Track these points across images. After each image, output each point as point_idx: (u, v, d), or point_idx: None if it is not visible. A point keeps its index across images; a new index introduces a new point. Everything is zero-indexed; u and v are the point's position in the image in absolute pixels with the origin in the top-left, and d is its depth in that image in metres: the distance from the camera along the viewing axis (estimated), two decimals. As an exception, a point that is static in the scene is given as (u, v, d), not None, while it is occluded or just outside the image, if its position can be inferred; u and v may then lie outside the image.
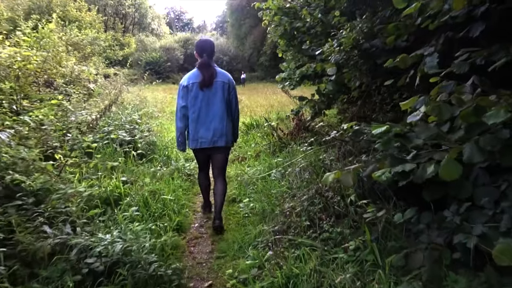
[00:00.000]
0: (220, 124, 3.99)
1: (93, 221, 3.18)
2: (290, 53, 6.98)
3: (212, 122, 3.98)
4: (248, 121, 9.35)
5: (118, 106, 8.10)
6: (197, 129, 3.99)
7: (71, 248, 2.55)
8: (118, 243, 2.58)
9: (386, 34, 3.96)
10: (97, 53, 21.00)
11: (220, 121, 4.00)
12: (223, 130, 4.01)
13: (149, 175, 4.85)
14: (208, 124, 3.97)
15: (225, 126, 4.03)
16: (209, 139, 3.98)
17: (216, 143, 4.01)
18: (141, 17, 55.81)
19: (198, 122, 3.98)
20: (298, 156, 5.53)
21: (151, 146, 6.02)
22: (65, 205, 3.07)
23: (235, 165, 6.37)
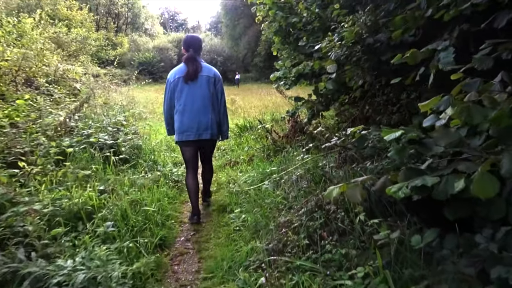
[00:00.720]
0: (205, 117, 4.09)
1: (57, 242, 2.74)
2: (285, 51, 6.58)
3: (197, 115, 4.07)
4: (242, 123, 8.93)
5: (103, 107, 7.65)
6: (183, 122, 4.08)
7: (24, 278, 2.12)
8: (81, 272, 2.15)
9: (392, 28, 3.57)
10: (86, 53, 20.53)
11: (205, 114, 4.10)
12: (208, 123, 4.11)
13: (131, 182, 4.42)
14: (193, 117, 4.07)
15: (210, 119, 4.12)
16: (194, 132, 4.08)
17: (201, 136, 4.11)
18: (134, 16, 55.24)
19: (184, 115, 4.08)
20: (294, 161, 5.14)
21: (136, 150, 5.58)
22: (23, 223, 2.63)
23: (227, 170, 5.96)
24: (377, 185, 2.19)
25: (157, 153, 6.25)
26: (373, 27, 3.65)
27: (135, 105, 10.54)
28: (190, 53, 4.17)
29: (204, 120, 4.09)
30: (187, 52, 4.22)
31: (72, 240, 2.87)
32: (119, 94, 13.85)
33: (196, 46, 4.25)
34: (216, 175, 5.92)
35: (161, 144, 7.20)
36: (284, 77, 5.55)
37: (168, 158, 6.43)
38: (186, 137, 4.10)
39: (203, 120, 4.09)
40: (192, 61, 4.13)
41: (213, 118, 4.16)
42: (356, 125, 4.07)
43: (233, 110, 14.68)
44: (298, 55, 5.80)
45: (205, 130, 4.11)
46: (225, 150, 7.41)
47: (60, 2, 34.12)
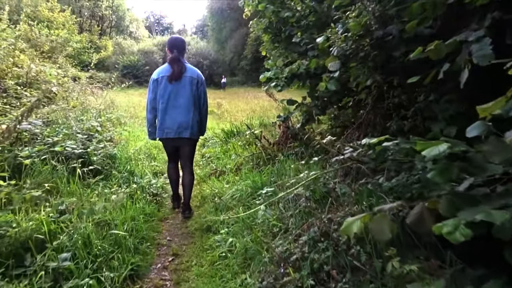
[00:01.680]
0: (186, 116, 4.23)
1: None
2: (276, 50, 6.03)
3: (178, 114, 4.21)
4: (228, 128, 8.34)
5: (76, 111, 6.98)
6: (164, 120, 4.22)
7: None
8: None
9: (406, 18, 3.05)
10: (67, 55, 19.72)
11: (186, 113, 4.24)
12: (188, 123, 4.24)
13: (100, 199, 3.80)
14: (174, 115, 4.21)
15: (191, 119, 4.26)
16: (174, 129, 4.22)
17: (181, 134, 4.24)
18: (119, 19, 54.37)
19: (166, 113, 4.21)
20: (287, 172, 4.59)
21: (109, 160, 4.94)
22: None
23: (212, 180, 5.36)
24: (412, 216, 1.63)
25: (135, 162, 5.62)
26: (383, 18, 3.12)
27: (114, 109, 9.87)
28: (175, 54, 4.30)
29: (185, 119, 4.23)
30: (171, 53, 4.34)
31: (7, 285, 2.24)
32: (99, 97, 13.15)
33: (180, 47, 4.38)
34: (200, 187, 5.33)
35: (140, 151, 6.57)
36: (276, 77, 4.99)
37: (147, 167, 5.81)
38: (166, 134, 4.25)
39: (184, 120, 4.23)
40: (176, 62, 4.26)
41: (194, 118, 4.29)
42: (361, 132, 3.53)
43: (219, 114, 14.10)
44: (291, 53, 5.25)
45: (185, 129, 4.24)
46: (210, 158, 6.81)
47: (42, 3, 33.25)
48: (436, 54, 2.47)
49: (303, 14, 4.99)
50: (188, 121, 4.23)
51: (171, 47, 4.35)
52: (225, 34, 46.85)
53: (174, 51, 4.31)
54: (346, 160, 2.49)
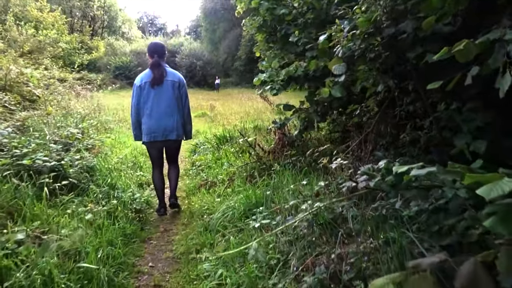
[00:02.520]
0: (170, 119, 4.38)
1: None
2: (271, 51, 5.60)
3: (163, 117, 4.35)
4: (221, 133, 7.87)
5: (56, 116, 6.48)
6: (150, 125, 4.34)
7: None
8: None
9: (422, 13, 2.62)
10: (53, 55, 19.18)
11: (171, 116, 4.38)
12: (173, 125, 4.39)
13: (72, 221, 3.33)
14: (159, 119, 4.34)
15: (176, 121, 4.42)
16: (160, 133, 4.35)
17: (167, 137, 4.38)
18: (111, 20, 53.71)
19: (151, 117, 4.34)
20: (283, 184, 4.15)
21: (85, 174, 4.45)
22: None
23: (202, 193, 4.91)
24: (462, 278, 1.18)
25: (117, 173, 5.14)
26: (395, 13, 2.68)
27: (100, 113, 9.36)
28: (155, 59, 4.41)
29: (170, 122, 4.38)
30: (152, 58, 4.44)
31: None
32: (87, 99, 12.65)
33: (160, 52, 4.51)
34: (189, 201, 4.87)
35: (125, 160, 6.09)
36: (271, 80, 4.55)
37: (132, 178, 5.34)
38: (153, 138, 4.36)
39: (169, 122, 4.37)
40: (157, 67, 4.38)
41: (178, 120, 4.45)
42: (369, 143, 3.09)
43: (212, 117, 13.65)
44: (287, 54, 4.81)
45: (171, 132, 4.39)
46: (201, 166, 6.34)
47: (30, 3, 32.62)
48: (464, 55, 2.05)
49: (300, 11, 4.56)
50: (173, 123, 4.39)
51: (151, 53, 4.49)
52: (219, 35, 46.40)
53: (154, 56, 4.43)
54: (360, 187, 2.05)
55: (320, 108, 4.12)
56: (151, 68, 4.40)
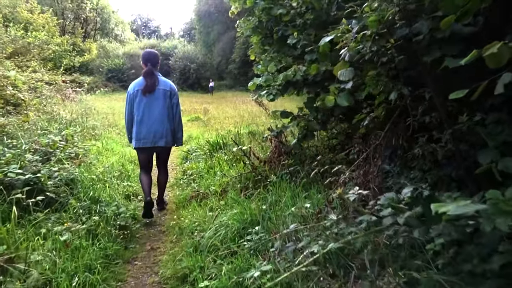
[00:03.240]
0: (160, 127, 4.49)
1: None
2: (266, 54, 5.28)
3: (153, 124, 4.46)
4: (214, 139, 7.52)
5: (36, 124, 6.10)
6: (140, 131, 4.46)
7: None
8: None
9: (440, 12, 2.31)
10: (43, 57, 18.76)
11: (161, 124, 4.50)
12: (163, 132, 4.51)
13: (46, 243, 2.98)
14: (149, 126, 4.46)
15: (165, 129, 4.53)
16: (150, 139, 4.46)
17: (156, 143, 4.49)
18: (104, 22, 53.21)
19: (142, 124, 4.45)
20: (281, 198, 3.83)
21: (65, 187, 4.09)
22: None
23: (193, 206, 4.56)
24: None
25: (102, 184, 4.78)
26: (409, 12, 2.37)
27: (87, 118, 8.97)
28: (148, 67, 4.54)
29: (160, 129, 4.49)
30: (145, 66, 4.57)
31: None
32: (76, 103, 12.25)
33: (153, 61, 4.63)
34: (178, 215, 4.52)
35: (112, 168, 5.73)
36: (267, 85, 4.22)
37: (117, 190, 4.98)
38: (143, 144, 4.48)
39: (159, 129, 4.49)
40: (150, 75, 4.51)
41: (168, 128, 4.56)
42: (377, 157, 2.77)
43: (205, 121, 13.29)
44: (285, 57, 4.49)
45: (160, 138, 4.50)
46: (193, 175, 5.99)
47: (21, 4, 32.14)
48: (496, 60, 1.75)
49: (299, 11, 4.24)
50: (162, 131, 4.50)
51: (145, 61, 4.60)
52: (213, 37, 46.07)
53: (148, 64, 4.55)
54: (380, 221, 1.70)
55: (321, 116, 3.79)
56: (144, 76, 4.53)
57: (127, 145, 8.26)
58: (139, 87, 4.50)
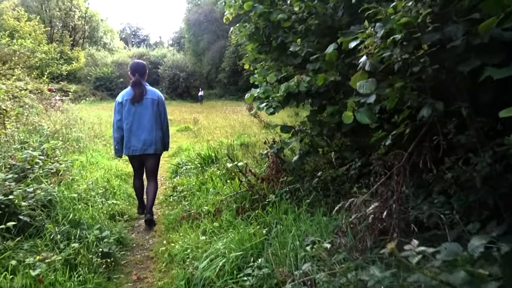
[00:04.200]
0: (149, 135, 4.61)
1: None
2: (263, 63, 4.94)
3: (142, 133, 4.59)
4: (205, 152, 7.13)
5: (14, 136, 5.64)
6: (130, 139, 4.59)
7: None
8: None
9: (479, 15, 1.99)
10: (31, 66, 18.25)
11: (150, 132, 4.62)
12: (152, 140, 4.63)
13: (15, 278, 2.56)
14: (139, 135, 4.59)
15: (154, 136, 4.64)
16: (139, 147, 4.59)
17: (146, 151, 4.62)
18: (92, 30, 52.78)
19: (131, 132, 4.58)
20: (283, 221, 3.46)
21: (42, 209, 3.66)
22: None
23: (184, 228, 4.16)
24: None
25: (84, 204, 4.36)
26: (438, 16, 2.03)
27: (71, 129, 8.51)
28: (136, 77, 4.66)
29: (149, 137, 4.62)
30: (133, 76, 4.68)
31: None
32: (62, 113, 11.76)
33: (141, 71, 4.75)
34: (168, 239, 4.11)
35: (96, 185, 5.29)
36: (266, 97, 3.86)
37: (102, 209, 4.55)
38: (132, 152, 4.63)
39: (148, 138, 4.62)
40: (138, 85, 4.64)
41: (157, 136, 4.69)
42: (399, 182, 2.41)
43: (195, 131, 12.88)
44: (285, 66, 4.14)
45: (149, 146, 4.63)
46: (183, 192, 5.58)
47: (7, 12, 31.58)
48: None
49: (301, 16, 3.91)
50: (152, 138, 4.63)
51: (133, 71, 4.72)
52: (203, 46, 45.79)
53: (136, 75, 4.67)
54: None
55: (327, 131, 3.44)
56: (132, 86, 4.65)
57: (113, 158, 7.83)
58: (127, 97, 4.61)
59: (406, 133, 2.23)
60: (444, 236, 2.26)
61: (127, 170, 7.05)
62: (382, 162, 2.41)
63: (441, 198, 2.65)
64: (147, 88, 4.71)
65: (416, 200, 2.94)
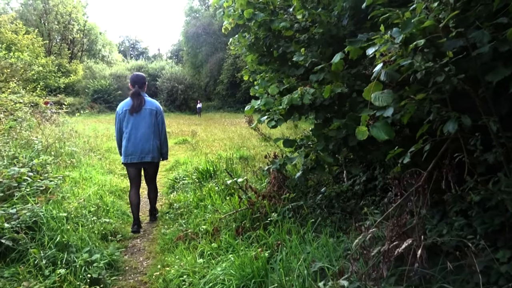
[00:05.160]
0: (147, 143, 4.87)
1: None
2: (263, 74, 4.73)
3: (140, 142, 4.84)
4: (203, 166, 6.88)
5: (2, 151, 5.38)
6: (128, 147, 4.85)
7: None
8: None
9: (507, 19, 1.78)
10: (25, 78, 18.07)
11: (147, 141, 4.87)
12: (149, 149, 4.88)
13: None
14: (137, 143, 4.84)
15: (152, 145, 4.89)
16: (137, 155, 4.84)
17: (143, 159, 4.87)
18: (91, 43, 52.85)
19: (129, 141, 4.84)
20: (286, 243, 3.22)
21: (24, 233, 3.39)
22: None
23: (180, 249, 3.90)
24: None
25: (74, 224, 4.09)
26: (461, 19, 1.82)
27: (65, 143, 8.25)
28: (136, 89, 4.92)
29: (146, 146, 4.86)
30: (133, 88, 4.94)
31: None
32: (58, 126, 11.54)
33: (140, 83, 5.00)
34: (163, 261, 3.84)
35: (89, 202, 5.03)
36: (267, 109, 3.64)
37: (93, 229, 4.29)
38: (130, 159, 4.85)
39: (146, 146, 4.86)
40: (136, 96, 4.88)
41: (154, 144, 4.93)
42: (419, 204, 2.17)
43: (193, 144, 12.64)
44: (287, 77, 3.93)
45: (147, 154, 4.87)
46: (180, 209, 5.32)
47: (5, 25, 31.56)
48: None
49: (304, 25, 3.70)
50: (149, 147, 4.87)
51: (133, 83, 4.97)
52: (201, 59, 45.85)
53: (135, 86, 4.93)
54: None
55: (333, 145, 3.21)
56: (131, 97, 4.89)
57: (107, 173, 7.57)
58: (127, 107, 4.86)
59: (426, 150, 2.00)
60: (471, 265, 2.02)
61: (122, 186, 6.79)
62: (398, 181, 2.17)
63: (461, 219, 2.42)
64: (146, 98, 4.95)
65: (431, 220, 2.71)
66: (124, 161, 4.88)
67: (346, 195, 4.53)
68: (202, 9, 52.65)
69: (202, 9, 52.56)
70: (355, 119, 3.01)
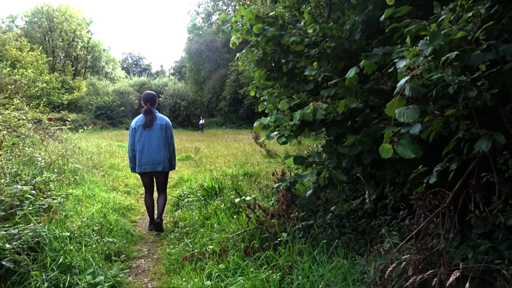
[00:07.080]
0: (158, 155, 5.41)
1: None
2: (270, 89, 4.66)
3: (152, 153, 5.39)
4: (208, 183, 6.76)
5: (5, 168, 5.27)
6: (142, 159, 5.39)
7: None
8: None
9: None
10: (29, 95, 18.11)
11: (158, 153, 5.41)
12: (160, 159, 5.41)
13: None
14: (149, 155, 5.38)
15: (162, 156, 5.44)
16: (150, 165, 5.39)
17: (155, 169, 5.41)
18: (94, 60, 53.26)
19: (142, 153, 5.39)
20: (298, 265, 3.08)
21: (25, 254, 3.27)
22: None
23: (186, 270, 3.76)
24: None
25: (78, 242, 3.96)
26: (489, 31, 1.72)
27: (68, 160, 8.15)
28: (148, 106, 5.46)
29: (157, 157, 5.38)
30: (145, 105, 5.48)
31: None
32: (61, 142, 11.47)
33: (151, 100, 5.56)
34: (168, 283, 3.69)
35: (92, 221, 4.89)
36: (277, 125, 3.54)
37: (97, 249, 4.15)
38: (144, 169, 5.37)
39: (157, 157, 5.37)
40: (149, 113, 5.44)
41: (164, 156, 5.44)
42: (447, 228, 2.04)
43: (197, 160, 12.53)
44: (297, 92, 3.84)
45: (158, 164, 5.38)
46: (185, 227, 5.18)
47: (10, 42, 31.80)
48: None
49: (314, 40, 3.63)
50: (160, 158, 5.38)
51: (145, 101, 5.51)
52: (203, 75, 46.12)
53: (147, 104, 5.47)
54: None
55: (346, 162, 3.10)
56: (144, 113, 5.45)
57: (111, 190, 7.45)
58: (140, 123, 5.42)
59: (452, 169, 1.89)
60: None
61: (125, 203, 6.67)
62: (422, 202, 2.05)
63: (485, 243, 2.29)
64: (157, 114, 5.52)
65: (452, 243, 2.58)
66: (138, 170, 5.40)
67: (356, 214, 4.40)
68: (205, 26, 53.12)
69: (205, 26, 53.04)
70: (370, 135, 2.92)
